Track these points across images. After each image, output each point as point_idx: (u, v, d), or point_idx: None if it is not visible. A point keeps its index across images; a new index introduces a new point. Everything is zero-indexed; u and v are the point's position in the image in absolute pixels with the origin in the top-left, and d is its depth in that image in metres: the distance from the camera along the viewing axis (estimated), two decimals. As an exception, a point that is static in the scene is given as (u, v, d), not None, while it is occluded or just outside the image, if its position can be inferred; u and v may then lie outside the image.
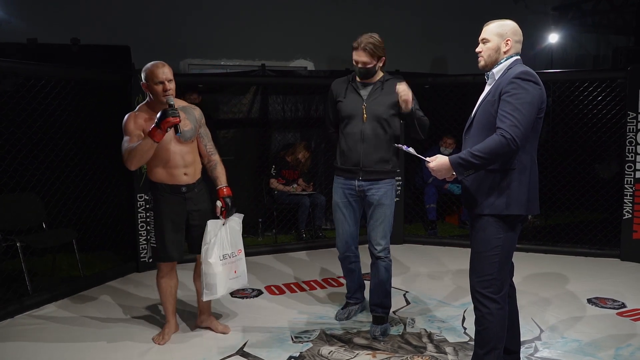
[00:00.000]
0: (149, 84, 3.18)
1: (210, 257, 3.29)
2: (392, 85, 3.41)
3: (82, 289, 4.44)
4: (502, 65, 2.66)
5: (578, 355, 3.25)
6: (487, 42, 2.68)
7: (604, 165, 6.66)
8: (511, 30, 2.66)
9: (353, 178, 3.49)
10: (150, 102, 3.27)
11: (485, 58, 2.69)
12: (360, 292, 3.90)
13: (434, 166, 2.65)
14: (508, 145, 2.46)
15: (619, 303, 4.11)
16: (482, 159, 2.51)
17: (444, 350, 3.34)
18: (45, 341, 3.50)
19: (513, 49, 2.66)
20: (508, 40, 2.65)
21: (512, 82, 2.52)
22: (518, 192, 2.59)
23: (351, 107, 3.46)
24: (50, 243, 4.40)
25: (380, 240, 3.49)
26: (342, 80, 3.58)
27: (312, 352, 3.31)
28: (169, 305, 3.51)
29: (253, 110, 6.32)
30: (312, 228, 6.12)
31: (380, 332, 3.51)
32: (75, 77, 4.63)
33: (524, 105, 2.49)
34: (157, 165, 3.28)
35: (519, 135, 2.47)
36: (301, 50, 8.04)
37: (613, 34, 10.69)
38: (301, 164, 6.19)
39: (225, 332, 3.59)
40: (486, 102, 2.63)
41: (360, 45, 3.33)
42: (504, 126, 2.48)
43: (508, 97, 2.51)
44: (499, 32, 2.66)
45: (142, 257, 4.94)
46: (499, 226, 2.61)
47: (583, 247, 5.50)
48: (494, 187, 2.60)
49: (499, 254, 2.62)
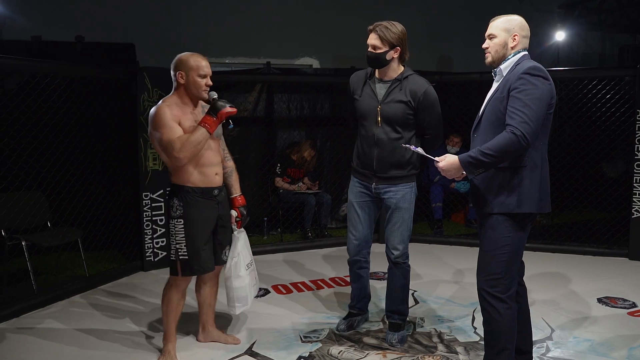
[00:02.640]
0: (191, 75, 2.96)
1: (240, 270, 3.22)
2: (411, 83, 3.18)
3: (87, 288, 4.42)
4: (509, 61, 2.61)
5: (590, 355, 3.21)
6: (493, 38, 2.63)
7: (611, 164, 6.62)
8: (518, 25, 2.61)
9: (368, 181, 3.33)
10: (181, 94, 3.03)
11: (493, 54, 2.64)
12: (365, 302, 3.68)
13: (444, 166, 2.60)
14: (519, 143, 2.42)
15: (630, 302, 4.07)
16: (493, 157, 2.46)
17: (455, 350, 3.30)
18: (50, 340, 3.47)
19: (520, 45, 2.61)
20: (515, 35, 2.60)
21: (521, 78, 2.48)
22: (530, 190, 2.55)
23: (366, 108, 3.24)
24: (55, 242, 4.37)
25: (398, 245, 3.31)
26: (361, 74, 3.35)
27: (321, 352, 3.27)
28: (174, 323, 3.18)
29: (258, 109, 6.28)
30: (317, 227, 6.08)
31: (398, 340, 3.36)
32: (80, 75, 4.60)
33: (533, 101, 2.44)
34: (189, 165, 2.98)
35: (529, 131, 2.42)
36: (306, 48, 8.02)
37: (619, 32, 10.64)
38: (307, 163, 6.16)
39: (235, 343, 3.39)
40: (494, 98, 2.59)
41: (373, 28, 3.16)
42: (513, 123, 2.44)
43: (517, 93, 2.47)
44: (505, 27, 2.61)
45: (147, 256, 4.91)
46: (509, 225, 2.57)
47: (591, 246, 5.46)
48: (505, 185, 2.56)
49: (507, 252, 2.58)
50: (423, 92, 3.17)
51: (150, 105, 4.79)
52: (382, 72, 3.23)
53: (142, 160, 4.83)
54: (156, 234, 4.93)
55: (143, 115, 4.77)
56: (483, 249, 2.66)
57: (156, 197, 4.90)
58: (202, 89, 2.99)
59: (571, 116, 6.03)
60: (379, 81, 3.26)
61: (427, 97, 3.18)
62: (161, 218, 4.94)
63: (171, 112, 2.94)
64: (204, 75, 2.98)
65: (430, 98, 3.19)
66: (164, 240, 4.98)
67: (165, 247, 4.98)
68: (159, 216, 4.93)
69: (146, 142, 4.82)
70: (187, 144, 2.87)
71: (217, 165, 3.11)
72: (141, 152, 4.82)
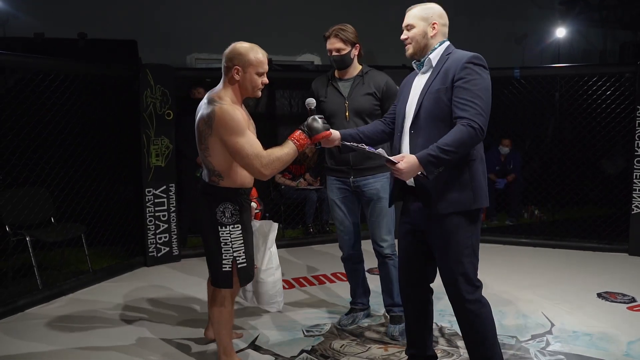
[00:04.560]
0: (249, 72, 2.68)
1: (272, 262, 3.14)
2: (373, 77, 3.34)
3: (90, 283, 4.45)
4: (437, 50, 2.49)
5: (590, 349, 3.24)
6: (412, 28, 2.50)
7: (611, 160, 6.65)
8: (437, 14, 2.51)
9: (346, 176, 3.40)
10: (234, 91, 2.73)
11: (414, 45, 2.50)
12: (366, 297, 3.72)
13: (404, 167, 2.32)
14: (476, 135, 2.30)
15: (629, 297, 4.10)
16: (454, 153, 2.28)
17: (456, 344, 3.33)
18: (55, 335, 3.51)
19: (440, 34, 2.51)
20: (434, 23, 2.49)
21: (466, 67, 2.35)
22: (482, 184, 2.45)
23: (333, 106, 3.35)
24: (59, 237, 4.40)
25: (385, 236, 3.38)
26: (322, 78, 3.48)
27: (324, 346, 3.30)
28: (230, 338, 2.95)
29: (260, 105, 6.31)
30: (319, 223, 6.11)
31: (399, 332, 3.39)
32: (83, 72, 4.63)
33: (482, 91, 2.33)
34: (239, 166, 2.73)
35: (484, 123, 2.31)
36: (308, 44, 8.04)
37: (620, 29, 10.64)
38: (308, 159, 6.18)
39: (239, 337, 3.38)
40: (435, 91, 2.42)
41: (331, 34, 3.29)
42: (468, 115, 2.30)
43: (464, 84, 2.33)
44: (423, 15, 2.49)
45: (150, 251, 4.95)
46: (468, 223, 2.44)
47: (591, 242, 5.49)
48: (456, 181, 2.40)
49: (473, 252, 2.47)
50: (385, 83, 3.35)
51: (152, 101, 4.82)
52: (343, 72, 3.39)
53: (145, 156, 4.86)
54: (159, 229, 4.96)
55: (145, 111, 4.80)
56: (446, 255, 2.47)
57: (159, 193, 4.93)
58: (259, 88, 2.75)
59: (571, 113, 6.05)
60: (341, 80, 3.40)
61: (389, 87, 3.35)
62: (164, 214, 4.97)
63: (242, 115, 2.69)
64: (263, 72, 2.72)
65: (392, 87, 3.35)
66: (167, 236, 5.01)
67: (168, 242, 5.02)
68: (162, 212, 4.96)
69: (149, 139, 4.85)
70: (276, 162, 2.63)
71: None
72: (144, 149, 4.85)
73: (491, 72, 2.47)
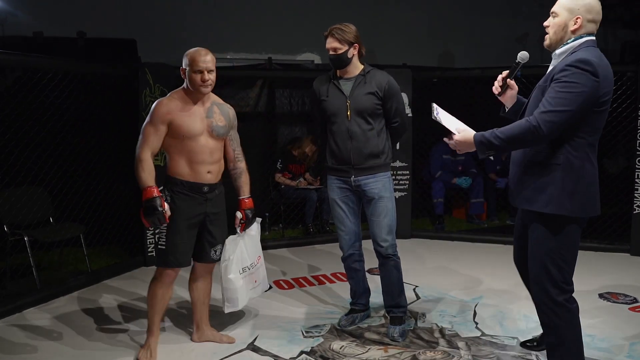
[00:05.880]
0: (188, 71, 2.95)
1: (229, 273, 3.18)
2: (374, 76, 3.33)
3: (89, 283, 4.43)
4: (568, 46, 2.35)
5: (592, 350, 3.22)
6: (555, 17, 2.36)
7: (612, 160, 6.62)
8: (585, 7, 2.32)
9: (347, 176, 3.38)
10: (185, 89, 3.02)
11: (551, 35, 2.39)
12: (366, 297, 3.70)
13: (459, 138, 2.46)
14: (531, 133, 2.25)
15: (631, 298, 4.08)
16: (504, 141, 2.32)
17: (457, 345, 3.31)
18: (53, 335, 3.49)
19: (584, 29, 2.34)
20: (578, 18, 2.32)
21: (566, 69, 2.25)
22: (560, 192, 2.36)
23: (335, 105, 3.34)
24: (57, 237, 4.38)
25: (386, 236, 3.34)
26: (324, 77, 3.47)
27: (323, 347, 3.28)
28: (158, 317, 3.14)
29: (259, 104, 6.28)
30: (319, 222, 6.09)
31: (399, 333, 3.37)
32: (82, 71, 4.61)
33: (569, 95, 2.22)
34: (181, 159, 3.01)
35: (548, 124, 2.23)
36: (308, 43, 8.01)
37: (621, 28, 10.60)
38: (308, 158, 6.16)
39: (230, 342, 3.34)
40: (538, 87, 2.41)
41: (329, 33, 3.28)
42: (535, 112, 2.28)
43: (556, 85, 2.26)
44: (570, 6, 2.33)
45: (149, 251, 4.92)
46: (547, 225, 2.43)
47: (593, 242, 5.46)
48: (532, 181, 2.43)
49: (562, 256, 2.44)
50: (387, 82, 3.33)
51: (152, 100, 4.79)
52: (344, 71, 3.37)
53: (144, 156, 4.83)
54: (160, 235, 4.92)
55: (145, 110, 4.77)
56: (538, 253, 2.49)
57: (158, 193, 4.91)
58: (198, 85, 2.94)
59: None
60: (342, 79, 3.38)
61: (391, 86, 3.33)
62: (163, 214, 4.95)
63: (167, 109, 2.95)
64: (199, 70, 2.91)
65: (394, 87, 3.35)
66: (166, 236, 4.98)
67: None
68: (161, 212, 4.93)
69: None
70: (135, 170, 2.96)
71: (211, 164, 3.07)
72: (143, 148, 4.82)
73: (490, 71, 2.43)
